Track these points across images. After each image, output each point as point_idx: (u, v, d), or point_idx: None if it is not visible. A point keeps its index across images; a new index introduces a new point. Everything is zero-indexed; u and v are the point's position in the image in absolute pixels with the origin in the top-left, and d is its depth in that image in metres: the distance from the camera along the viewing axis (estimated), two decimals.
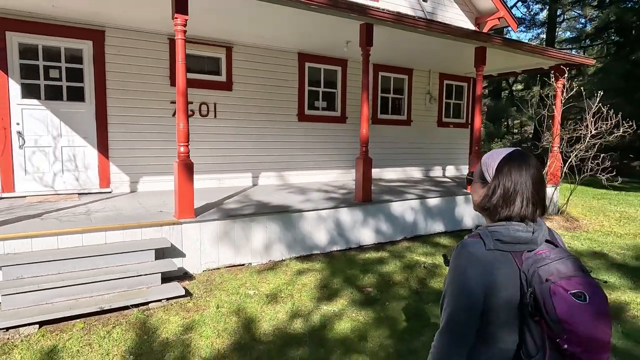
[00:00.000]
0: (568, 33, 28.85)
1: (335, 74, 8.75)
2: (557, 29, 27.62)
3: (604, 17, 17.41)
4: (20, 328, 3.41)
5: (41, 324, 3.49)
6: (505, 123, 28.51)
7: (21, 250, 3.97)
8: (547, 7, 23.55)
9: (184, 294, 4.11)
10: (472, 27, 10.47)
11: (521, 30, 27.44)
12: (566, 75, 8.26)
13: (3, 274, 3.75)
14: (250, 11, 5.57)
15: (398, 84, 9.78)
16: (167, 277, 4.35)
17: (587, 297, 1.20)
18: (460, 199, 7.24)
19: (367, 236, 6.10)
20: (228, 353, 3.20)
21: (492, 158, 1.44)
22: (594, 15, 20.05)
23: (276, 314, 3.85)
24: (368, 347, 3.31)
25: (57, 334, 3.40)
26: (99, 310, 3.70)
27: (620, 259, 5.65)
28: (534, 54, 7.75)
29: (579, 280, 1.24)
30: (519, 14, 27.70)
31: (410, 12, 9.29)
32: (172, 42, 6.83)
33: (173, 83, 6.89)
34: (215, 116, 7.37)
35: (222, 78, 7.42)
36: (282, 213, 5.42)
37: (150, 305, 3.92)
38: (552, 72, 8.40)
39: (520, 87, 29.12)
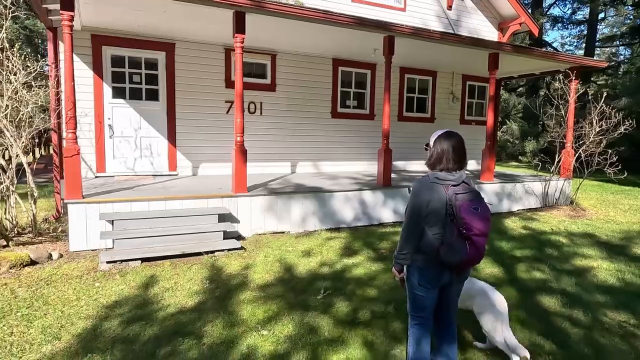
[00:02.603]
0: (616, 29, 28.41)
1: (365, 77, 9.90)
2: (600, 26, 27.34)
3: (638, 16, 17.45)
4: (129, 262, 4.83)
5: (142, 260, 4.91)
6: (541, 122, 28.44)
7: (124, 211, 5.43)
8: (586, 6, 23.48)
9: (240, 247, 5.44)
10: (495, 32, 11.31)
11: (558, 29, 27.30)
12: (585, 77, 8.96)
13: (114, 226, 5.21)
14: (291, 28, 6.81)
15: (423, 84, 10.79)
16: (226, 237, 5.69)
17: (479, 209, 2.39)
18: None
19: (386, 215, 7.24)
20: (274, 282, 4.47)
21: (434, 135, 2.62)
22: (631, 15, 19.94)
23: (309, 263, 5.10)
24: (375, 284, 4.49)
25: (153, 268, 4.80)
26: (181, 253, 5.08)
27: (606, 239, 6.50)
28: (545, 59, 8.58)
29: (476, 202, 2.42)
30: (558, 13, 27.64)
31: (435, 21, 10.30)
32: (227, 51, 8.23)
33: (227, 85, 8.29)
34: (261, 113, 8.72)
35: (267, 81, 8.75)
36: (315, 192, 6.67)
37: (216, 253, 5.27)
38: (558, 75, 9.12)
39: (557, 85, 28.89)
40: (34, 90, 5.52)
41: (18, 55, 5.63)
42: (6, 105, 5.23)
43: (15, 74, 5.29)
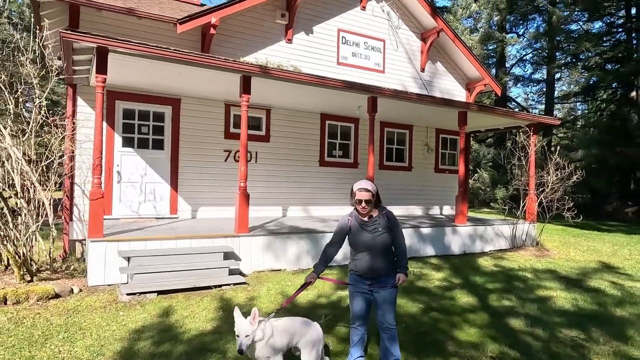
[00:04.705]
0: (573, 86, 31.25)
1: (349, 129, 10.94)
2: (559, 82, 30.14)
3: (588, 78, 19.61)
4: (146, 294, 5.35)
5: (158, 293, 5.44)
6: (509, 171, 30.25)
7: (139, 249, 5.99)
8: (543, 68, 26.06)
9: (244, 282, 6.03)
10: (463, 91, 12.72)
11: (519, 87, 29.80)
12: (539, 132, 10.22)
13: (130, 262, 5.75)
14: (288, 89, 7.79)
15: (401, 137, 11.92)
16: (230, 273, 6.27)
17: None
18: (448, 229, 9.07)
19: None
20: (278, 311, 5.06)
21: (371, 185, 3.46)
22: (584, 76, 22.28)
23: (307, 295, 5.72)
24: None
25: (169, 299, 5.33)
26: (192, 287, 5.64)
27: (566, 274, 7.38)
28: (506, 116, 9.84)
29: None
30: (519, 72, 30.32)
31: (411, 81, 11.60)
32: (227, 106, 9.14)
33: (226, 136, 9.13)
34: (256, 161, 9.53)
35: (262, 132, 9.65)
36: (309, 233, 7.37)
37: (223, 287, 5.84)
38: (517, 131, 10.38)
39: (519, 139, 31.04)
40: (65, 144, 6.17)
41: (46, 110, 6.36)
42: (46, 157, 5.88)
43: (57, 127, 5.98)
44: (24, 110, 6.25)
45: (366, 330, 3.63)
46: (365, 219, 3.44)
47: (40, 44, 6.04)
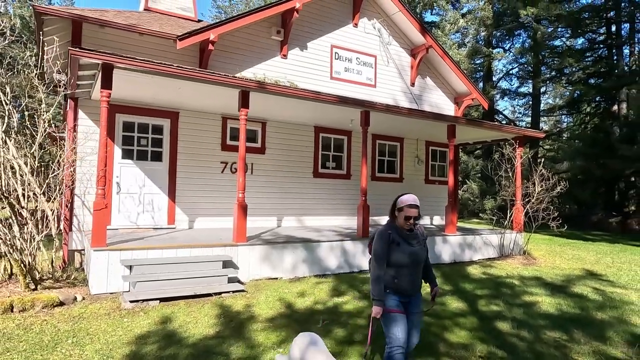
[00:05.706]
0: (559, 100, 32.12)
1: (342, 142, 11.25)
2: (546, 95, 30.98)
3: (572, 92, 20.28)
4: (149, 302, 5.52)
5: (160, 300, 5.61)
6: (497, 182, 30.80)
7: (140, 257, 6.16)
8: (528, 82, 26.81)
9: (242, 289, 6.23)
10: (452, 105, 13.14)
11: (506, 100, 30.54)
12: (528, 144, 10.61)
13: (132, 270, 5.92)
14: (283, 103, 8.08)
15: (392, 149, 12.26)
16: (229, 281, 6.46)
17: None
18: (439, 239, 9.36)
19: (365, 263, 8.20)
20: (278, 316, 5.28)
21: (418, 201, 3.63)
22: (568, 90, 23.03)
23: (305, 301, 5.94)
24: (364, 315, 5.38)
25: (171, 306, 5.51)
26: (193, 294, 5.82)
27: (551, 281, 7.69)
28: (493, 130, 10.23)
29: None
30: (506, 85, 31.09)
31: (401, 95, 11.99)
32: (224, 119, 9.40)
33: (223, 148, 9.37)
34: (251, 173, 9.77)
35: (258, 144, 9.91)
36: (305, 242, 7.60)
37: (222, 294, 6.03)
38: (504, 143, 10.78)
39: (505, 151, 31.68)
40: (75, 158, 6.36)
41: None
42: (53, 170, 6.06)
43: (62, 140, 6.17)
44: (28, 124, 6.42)
45: None
46: (407, 231, 3.31)
47: (50, 59, 6.26)
